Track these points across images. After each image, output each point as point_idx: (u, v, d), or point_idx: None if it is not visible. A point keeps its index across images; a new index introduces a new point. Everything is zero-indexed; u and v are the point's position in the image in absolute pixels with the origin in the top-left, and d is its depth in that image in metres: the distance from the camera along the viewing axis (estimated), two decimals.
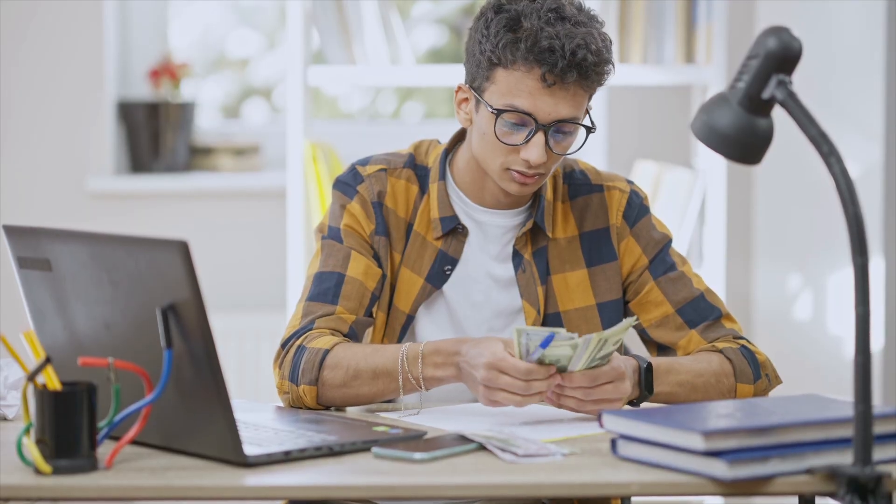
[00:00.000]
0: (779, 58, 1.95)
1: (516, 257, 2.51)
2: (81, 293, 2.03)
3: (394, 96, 5.17)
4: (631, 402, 2.34)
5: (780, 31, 1.96)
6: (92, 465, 1.92)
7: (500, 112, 2.37)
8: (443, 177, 2.51)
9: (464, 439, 2.06)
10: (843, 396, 2.11)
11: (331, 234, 2.50)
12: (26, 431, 1.92)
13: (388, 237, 2.50)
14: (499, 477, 1.91)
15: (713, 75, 3.95)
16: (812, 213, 4.30)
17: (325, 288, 2.45)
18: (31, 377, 1.92)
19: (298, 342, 2.38)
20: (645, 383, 2.33)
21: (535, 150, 2.37)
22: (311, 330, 2.40)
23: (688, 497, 2.71)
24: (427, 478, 1.91)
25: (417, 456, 1.98)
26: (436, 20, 5.08)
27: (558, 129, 2.38)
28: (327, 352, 2.35)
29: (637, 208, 2.56)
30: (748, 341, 2.48)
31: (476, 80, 2.41)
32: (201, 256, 2.97)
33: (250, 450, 1.96)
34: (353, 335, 2.44)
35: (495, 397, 2.21)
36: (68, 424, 1.90)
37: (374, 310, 2.49)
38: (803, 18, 4.28)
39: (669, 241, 2.56)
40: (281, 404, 2.40)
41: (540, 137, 2.37)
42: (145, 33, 4.76)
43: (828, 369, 4.20)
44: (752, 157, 2.02)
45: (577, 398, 2.23)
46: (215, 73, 5.08)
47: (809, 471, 1.88)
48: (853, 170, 4.01)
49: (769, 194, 4.55)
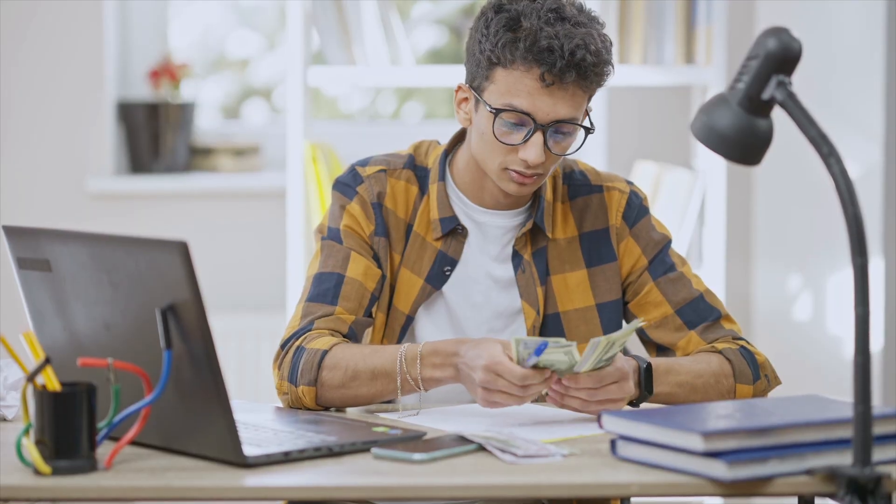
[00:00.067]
0: (779, 58, 1.95)
1: (516, 258, 2.51)
2: (81, 294, 2.03)
3: (394, 97, 5.16)
4: (631, 403, 2.34)
5: (779, 32, 1.96)
6: (91, 466, 1.92)
7: (499, 111, 2.37)
8: (442, 177, 2.51)
9: (463, 440, 2.06)
10: (842, 397, 2.11)
11: (330, 235, 2.50)
12: (26, 432, 1.92)
13: (388, 238, 2.50)
14: (498, 478, 1.91)
15: (713, 76, 3.95)
16: (812, 214, 4.30)
17: (325, 289, 2.45)
18: (31, 378, 1.92)
19: (298, 343, 2.38)
20: (645, 384, 2.33)
21: (533, 150, 2.37)
22: (310, 331, 2.40)
23: (687, 498, 2.71)
24: (426, 478, 1.91)
25: (417, 457, 1.98)
26: (435, 21, 5.08)
27: (557, 129, 2.38)
28: (326, 352, 2.35)
29: (637, 209, 2.55)
30: (747, 342, 2.48)
31: (475, 80, 2.41)
32: (201, 257, 2.97)
33: (250, 450, 1.96)
34: (353, 335, 2.44)
35: (493, 398, 2.21)
36: (68, 425, 1.90)
37: (373, 310, 2.49)
38: (803, 19, 4.27)
39: (669, 241, 2.56)
40: (280, 405, 2.40)
41: (538, 137, 2.37)
42: (145, 34, 4.76)
43: (827, 370, 4.19)
44: (751, 158, 2.02)
45: (582, 399, 2.23)
46: (215, 74, 5.08)
47: (809, 471, 1.88)
48: (853, 170, 4.01)
49: (769, 195, 4.55)
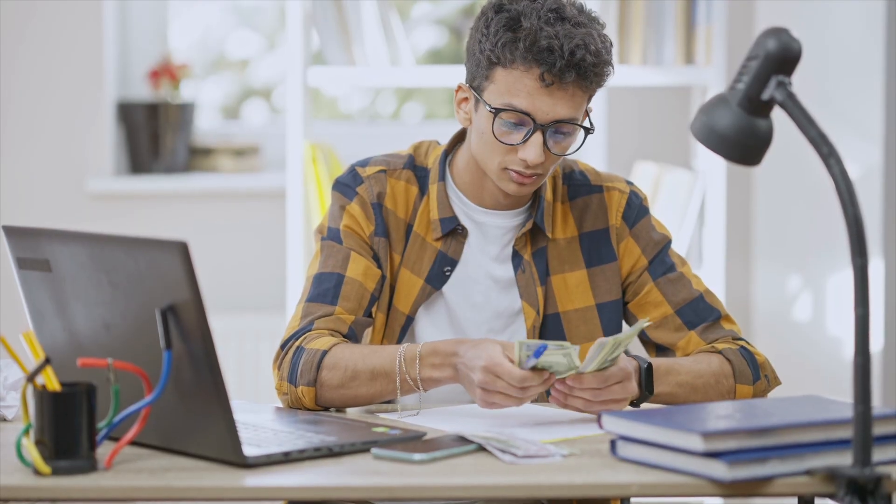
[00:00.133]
0: (778, 59, 1.95)
1: (516, 258, 2.50)
2: (81, 294, 2.03)
3: (393, 97, 5.16)
4: (631, 403, 2.34)
5: (779, 33, 1.96)
6: (91, 466, 1.92)
7: (499, 111, 2.37)
8: (442, 178, 2.51)
9: (463, 440, 2.06)
10: (842, 397, 2.11)
11: (330, 236, 2.50)
12: (25, 432, 1.92)
13: (388, 238, 2.50)
14: (498, 478, 1.91)
15: (713, 76, 3.95)
16: (811, 215, 4.30)
17: (325, 289, 2.45)
18: (31, 378, 1.91)
19: (297, 343, 2.38)
20: (645, 384, 2.33)
21: (532, 150, 2.37)
22: (310, 331, 2.40)
23: (687, 498, 2.71)
24: (426, 479, 1.91)
25: (417, 457, 1.98)
26: (435, 21, 5.08)
27: (557, 129, 2.38)
28: (325, 353, 2.35)
29: (636, 209, 2.55)
30: (747, 342, 2.48)
31: (476, 80, 2.41)
32: (201, 257, 2.97)
33: (250, 451, 1.96)
34: (353, 335, 2.44)
35: (492, 399, 2.21)
36: (68, 425, 1.90)
37: (373, 310, 2.48)
38: (803, 19, 4.27)
39: (669, 241, 2.56)
40: (280, 405, 2.40)
41: (538, 137, 2.37)
42: (145, 34, 4.76)
43: (827, 370, 4.19)
44: (751, 159, 2.02)
45: (586, 399, 2.23)
46: (215, 74, 5.08)
47: (809, 472, 1.88)
48: (853, 171, 4.01)
49: (769, 195, 4.55)
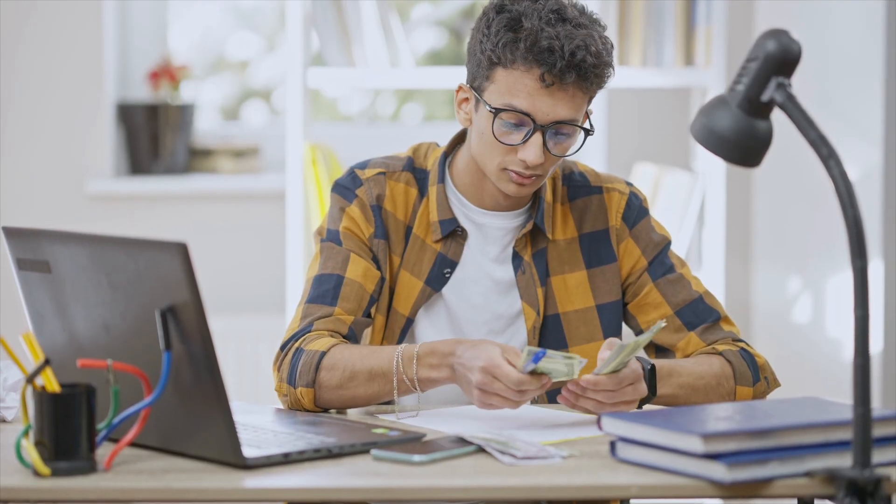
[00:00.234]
0: (778, 60, 1.95)
1: (516, 259, 2.50)
2: (81, 295, 2.03)
3: (393, 98, 5.16)
4: None
5: (779, 34, 1.96)
6: (91, 467, 1.92)
7: (499, 111, 2.37)
8: (442, 179, 2.51)
9: (463, 441, 2.06)
10: (842, 399, 2.11)
11: (330, 237, 2.50)
12: (25, 433, 1.92)
13: (387, 240, 2.50)
14: (498, 479, 1.91)
15: (712, 78, 3.95)
16: (811, 216, 4.30)
17: (325, 290, 2.45)
18: (30, 379, 1.91)
19: (297, 344, 2.38)
20: (649, 385, 2.33)
21: (532, 151, 2.37)
22: (309, 332, 2.40)
23: (687, 500, 2.71)
24: (426, 480, 1.91)
25: (416, 458, 1.98)
26: (435, 22, 5.08)
27: (557, 130, 2.38)
28: (324, 354, 2.35)
29: (636, 210, 2.55)
30: (747, 344, 2.48)
31: (476, 80, 2.41)
32: (200, 258, 2.96)
33: (249, 452, 1.96)
34: (353, 336, 2.44)
35: (489, 400, 2.21)
36: (67, 426, 1.90)
37: (372, 311, 2.48)
38: (803, 20, 4.27)
39: (668, 242, 2.56)
40: (280, 406, 2.40)
41: (538, 138, 2.37)
42: (145, 35, 4.75)
43: (827, 372, 4.19)
44: (751, 160, 2.02)
45: (599, 401, 2.23)
46: (215, 75, 5.08)
47: (808, 474, 1.88)
48: (852, 173, 4.01)
49: (768, 197, 4.55)
